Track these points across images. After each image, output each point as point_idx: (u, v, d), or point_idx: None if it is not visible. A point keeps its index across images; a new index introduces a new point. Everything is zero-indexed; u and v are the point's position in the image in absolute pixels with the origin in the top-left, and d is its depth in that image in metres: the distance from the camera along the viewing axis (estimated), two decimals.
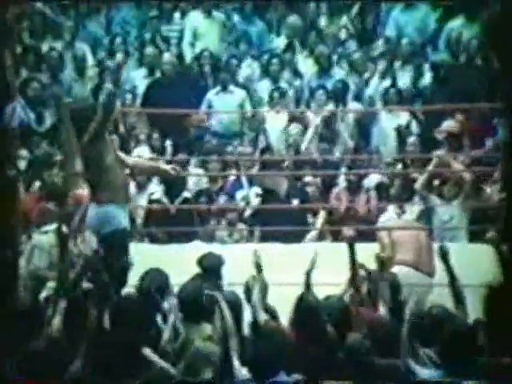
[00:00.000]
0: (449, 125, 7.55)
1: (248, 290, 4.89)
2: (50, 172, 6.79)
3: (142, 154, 7.47)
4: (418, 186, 6.98)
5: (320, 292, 4.77)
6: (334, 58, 8.75)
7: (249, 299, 4.80)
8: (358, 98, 8.49)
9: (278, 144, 8.08)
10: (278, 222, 6.78)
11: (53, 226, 6.15)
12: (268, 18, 9.14)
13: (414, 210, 6.89)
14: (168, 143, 7.96)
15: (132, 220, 6.61)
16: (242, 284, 5.03)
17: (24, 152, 7.76)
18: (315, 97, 8.36)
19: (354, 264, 4.98)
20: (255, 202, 7.37)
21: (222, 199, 7.40)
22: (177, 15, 9.15)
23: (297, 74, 8.78)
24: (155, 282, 4.82)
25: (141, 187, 7.41)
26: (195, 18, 9.06)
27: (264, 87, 8.63)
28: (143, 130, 8.03)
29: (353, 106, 8.40)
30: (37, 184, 7.09)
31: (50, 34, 9.00)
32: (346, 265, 5.04)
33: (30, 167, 7.34)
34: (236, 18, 9.10)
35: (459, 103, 7.49)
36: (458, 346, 4.14)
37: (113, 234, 5.25)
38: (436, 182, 6.95)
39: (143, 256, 5.76)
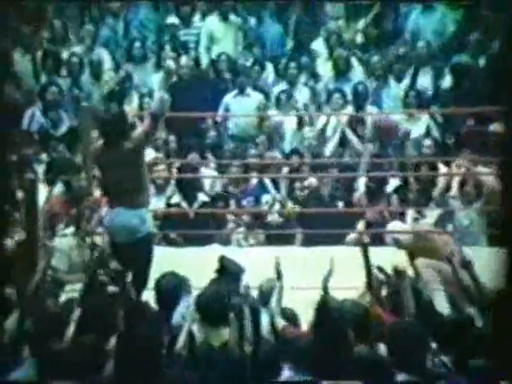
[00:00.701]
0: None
1: (262, 294, 4.87)
2: (73, 176, 6.78)
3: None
4: (437, 189, 6.92)
5: (340, 296, 4.77)
6: (353, 61, 8.71)
7: (263, 303, 4.78)
8: (375, 102, 8.44)
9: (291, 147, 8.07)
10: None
11: (71, 229, 6.25)
12: (284, 20, 9.14)
13: (433, 214, 6.82)
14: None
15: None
16: (255, 287, 5.02)
17: (43, 156, 7.83)
18: (332, 100, 8.31)
19: (368, 268, 4.93)
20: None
21: (245, 202, 7.38)
22: (194, 19, 9.16)
23: (315, 76, 8.75)
24: (171, 285, 4.79)
25: (160, 191, 7.41)
26: (211, 22, 9.08)
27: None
28: (161, 134, 8.01)
29: (370, 110, 8.35)
30: (60, 187, 7.06)
31: (70, 38, 9.04)
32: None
33: (50, 171, 7.36)
34: (252, 21, 9.10)
35: (479, 106, 7.44)
36: (476, 355, 4.05)
37: (145, 238, 5.25)
38: (456, 186, 6.89)
39: (160, 259, 5.74)
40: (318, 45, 8.96)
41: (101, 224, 5.83)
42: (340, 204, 7.27)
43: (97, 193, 6.27)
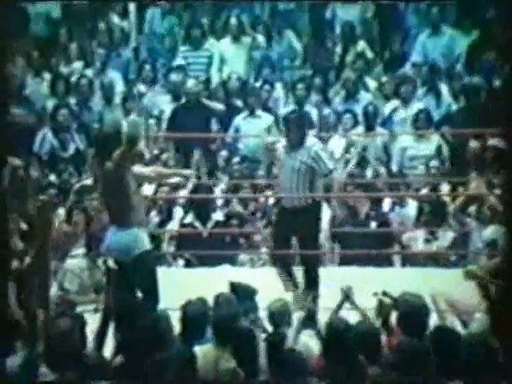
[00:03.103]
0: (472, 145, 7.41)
1: (273, 315, 4.80)
2: (85, 197, 6.84)
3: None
4: (453, 209, 6.83)
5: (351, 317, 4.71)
6: (362, 82, 8.72)
7: (274, 324, 4.72)
8: (383, 122, 8.41)
9: None
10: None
11: (81, 250, 6.23)
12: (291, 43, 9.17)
13: (446, 236, 6.73)
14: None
15: (157, 245, 6.52)
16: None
17: (53, 177, 7.83)
18: (342, 121, 8.27)
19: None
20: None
21: (258, 223, 7.36)
22: (206, 42, 9.20)
23: (324, 98, 8.76)
24: (197, 312, 4.69)
25: (167, 213, 7.38)
26: (223, 43, 9.13)
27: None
28: (173, 155, 8.02)
29: (378, 130, 8.33)
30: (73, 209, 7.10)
31: (81, 60, 9.06)
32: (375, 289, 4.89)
33: (62, 193, 7.39)
34: (261, 41, 9.14)
35: (490, 127, 7.37)
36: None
37: (142, 256, 5.22)
38: (472, 206, 6.80)
39: (171, 280, 5.72)
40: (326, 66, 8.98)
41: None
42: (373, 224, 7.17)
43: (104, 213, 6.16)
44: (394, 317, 4.71)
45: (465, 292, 5.26)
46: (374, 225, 7.15)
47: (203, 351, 4.38)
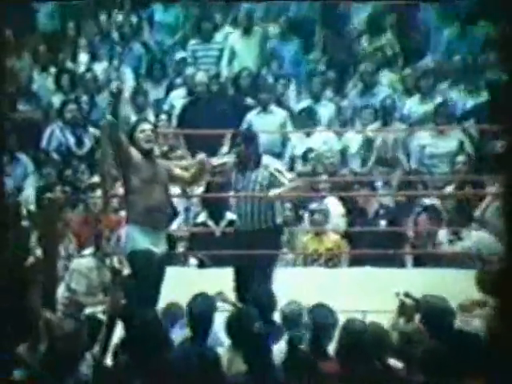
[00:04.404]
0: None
1: (286, 318, 4.77)
2: (93, 195, 6.75)
3: None
4: (479, 210, 6.65)
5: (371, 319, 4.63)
6: (379, 75, 8.53)
7: (288, 327, 4.68)
8: (402, 117, 8.24)
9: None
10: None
11: (90, 250, 6.17)
12: (306, 36, 9.02)
13: (472, 236, 6.55)
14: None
15: (172, 244, 6.42)
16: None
17: (65, 175, 7.72)
18: (362, 115, 8.11)
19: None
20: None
21: None
22: (216, 35, 9.07)
23: (339, 92, 8.60)
24: (202, 307, 4.67)
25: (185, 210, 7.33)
26: (233, 36, 9.00)
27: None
28: (184, 152, 7.90)
29: (396, 125, 8.16)
30: (81, 207, 7.10)
31: (89, 55, 8.98)
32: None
33: (73, 190, 7.34)
34: (273, 35, 9.00)
35: None
36: None
37: (129, 255, 5.29)
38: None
39: (183, 280, 5.68)
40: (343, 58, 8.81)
41: (119, 245, 5.80)
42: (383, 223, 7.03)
43: (114, 213, 6.29)
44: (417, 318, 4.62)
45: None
46: (383, 223, 7.05)
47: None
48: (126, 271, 5.49)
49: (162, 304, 5.23)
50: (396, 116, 8.20)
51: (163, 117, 8.31)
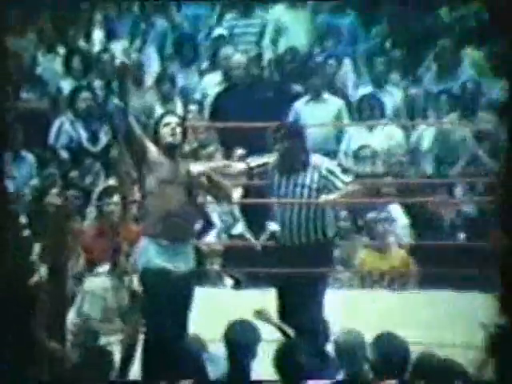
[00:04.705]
0: None
1: (342, 351, 4.72)
2: (107, 201, 6.81)
3: None
4: None
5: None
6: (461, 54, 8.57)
7: (344, 362, 4.69)
8: (488, 105, 8.22)
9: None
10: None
11: (106, 267, 6.23)
12: (366, 7, 9.08)
13: None
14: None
15: (202, 261, 6.48)
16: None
17: (75, 175, 7.84)
18: (436, 104, 8.14)
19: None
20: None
21: None
22: (257, 8, 9.16)
23: (408, 76, 8.62)
24: (243, 337, 4.74)
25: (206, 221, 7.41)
26: (278, 9, 9.08)
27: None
28: (217, 148, 7.99)
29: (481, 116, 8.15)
30: (92, 215, 7.17)
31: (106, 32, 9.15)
32: None
33: (84, 195, 7.44)
34: (326, 7, 9.07)
35: None
36: None
37: (141, 274, 5.36)
38: None
39: (215, 304, 5.76)
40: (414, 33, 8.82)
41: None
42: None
43: (134, 221, 6.34)
44: None
45: None
46: (462, 236, 7.13)
47: None
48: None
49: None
50: (481, 104, 8.17)
51: (193, 107, 8.39)
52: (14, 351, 4.43)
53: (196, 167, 5.48)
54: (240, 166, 5.84)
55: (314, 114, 8.26)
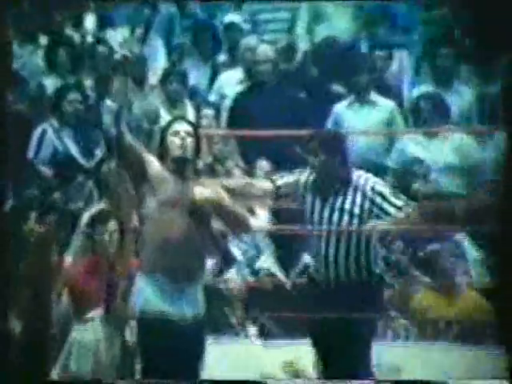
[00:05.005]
0: None
1: None
2: (100, 228, 6.81)
3: None
4: None
5: None
6: None
7: None
8: None
9: None
10: None
11: (98, 312, 6.35)
12: None
13: None
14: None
15: (213, 303, 6.47)
16: None
17: (60, 196, 7.86)
18: None
19: None
20: None
21: None
22: None
23: (482, 72, 8.58)
24: None
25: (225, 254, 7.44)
26: None
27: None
28: (237, 163, 8.06)
29: None
30: (81, 246, 7.14)
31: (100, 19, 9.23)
32: None
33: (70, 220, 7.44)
34: None
35: None
36: None
37: (138, 319, 5.39)
38: None
39: (238, 358, 5.88)
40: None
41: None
42: None
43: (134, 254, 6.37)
44: None
45: None
46: None
47: None
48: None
49: None
50: None
51: (208, 111, 8.44)
52: None
53: (201, 190, 5.43)
54: (265, 184, 5.84)
55: (359, 120, 8.29)
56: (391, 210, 5.67)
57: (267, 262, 7.18)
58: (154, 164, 5.42)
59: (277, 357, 6.22)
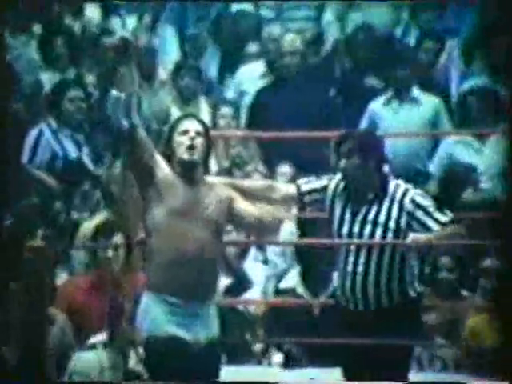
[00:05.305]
0: None
1: None
2: (104, 242, 6.90)
3: None
4: None
5: None
6: None
7: None
8: None
9: None
10: None
11: (101, 337, 6.32)
12: None
13: None
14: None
15: (230, 326, 6.66)
16: None
17: (60, 207, 7.97)
18: None
19: None
20: None
21: None
22: None
23: None
24: None
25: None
26: None
27: None
28: (257, 168, 8.12)
29: None
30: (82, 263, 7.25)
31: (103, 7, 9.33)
32: None
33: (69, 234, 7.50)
34: None
35: None
36: None
37: (147, 345, 5.42)
38: None
39: None
40: None
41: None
42: None
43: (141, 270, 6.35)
44: None
45: None
46: None
47: None
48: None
49: None
50: None
51: (226, 110, 8.52)
52: None
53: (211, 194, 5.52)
54: (288, 188, 5.83)
55: (398, 119, 8.37)
56: (434, 226, 5.64)
57: (293, 281, 7.17)
58: (162, 166, 5.45)
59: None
